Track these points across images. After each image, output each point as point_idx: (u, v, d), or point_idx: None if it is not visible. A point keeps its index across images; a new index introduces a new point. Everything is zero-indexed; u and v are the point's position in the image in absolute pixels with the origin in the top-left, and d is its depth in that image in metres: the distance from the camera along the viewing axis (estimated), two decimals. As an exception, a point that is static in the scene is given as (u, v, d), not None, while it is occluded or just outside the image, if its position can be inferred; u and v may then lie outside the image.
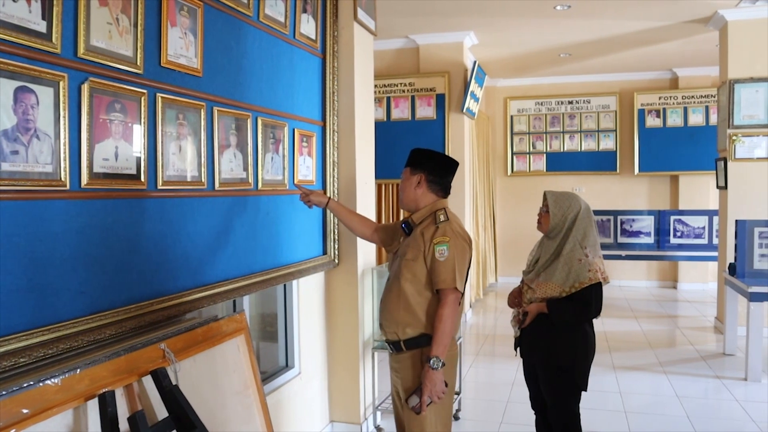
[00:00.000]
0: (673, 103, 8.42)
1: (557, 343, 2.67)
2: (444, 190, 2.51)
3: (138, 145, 2.06)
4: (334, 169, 3.44)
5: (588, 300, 2.61)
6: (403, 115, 6.53)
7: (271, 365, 3.31)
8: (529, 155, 9.01)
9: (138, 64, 2.05)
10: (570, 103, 8.82)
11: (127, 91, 2.01)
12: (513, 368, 4.79)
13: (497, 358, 5.42)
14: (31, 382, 1.47)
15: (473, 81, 6.39)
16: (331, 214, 3.42)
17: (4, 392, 1.40)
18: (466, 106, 6.39)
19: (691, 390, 4.51)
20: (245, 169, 2.68)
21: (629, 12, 5.82)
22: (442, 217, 2.39)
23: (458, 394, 4.02)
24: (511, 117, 9.05)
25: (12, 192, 1.62)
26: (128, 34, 2.02)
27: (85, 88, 1.84)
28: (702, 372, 4.93)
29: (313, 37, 3.30)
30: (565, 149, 8.86)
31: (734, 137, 5.87)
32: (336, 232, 3.45)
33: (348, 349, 3.57)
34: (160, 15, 2.16)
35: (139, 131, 2.06)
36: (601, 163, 8.72)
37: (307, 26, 3.24)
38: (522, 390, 2.98)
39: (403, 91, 6.54)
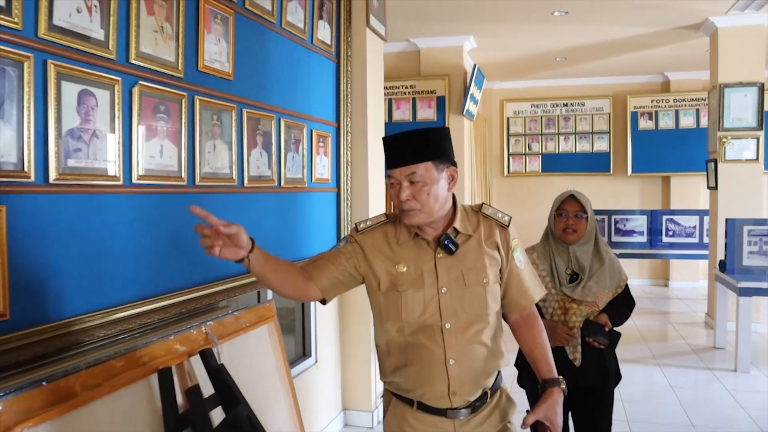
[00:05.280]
0: (665, 106, 8.65)
1: (613, 354, 2.52)
2: None
3: (179, 144, 2.22)
4: (347, 168, 3.61)
5: (632, 298, 2.53)
6: (405, 116, 6.70)
7: (287, 356, 3.46)
8: (525, 156, 9.21)
9: (179, 68, 2.21)
10: (565, 105, 9.03)
11: (171, 94, 2.17)
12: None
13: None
14: (104, 357, 1.62)
15: (473, 84, 6.57)
16: (345, 209, 3.58)
17: (80, 366, 1.56)
18: (465, 108, 6.57)
19: (683, 380, 4.71)
20: (270, 167, 2.84)
21: (624, 18, 6.02)
22: (499, 214, 1.82)
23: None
24: (508, 119, 9.25)
25: (76, 186, 1.78)
26: (171, 41, 2.18)
27: (135, 91, 2.00)
28: (693, 364, 5.13)
29: (329, 42, 3.46)
30: (560, 150, 9.07)
31: (724, 139, 6.09)
32: (349, 228, 3.62)
33: (360, 340, 3.74)
34: (198, 23, 2.32)
35: (180, 131, 2.22)
36: (595, 164, 8.94)
37: (323, 32, 3.40)
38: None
39: (405, 93, 6.71)
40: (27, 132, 1.62)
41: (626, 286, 2.52)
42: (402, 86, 6.71)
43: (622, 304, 2.50)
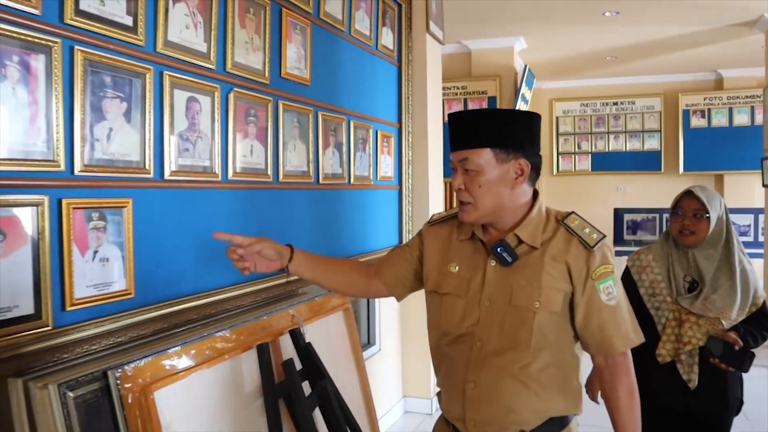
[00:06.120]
0: (718, 104, 8.56)
1: (739, 379, 2.22)
2: (538, 175, 1.55)
3: (266, 145, 2.44)
4: (408, 167, 3.80)
5: None
6: (456, 117, 6.85)
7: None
8: (574, 155, 9.24)
9: (266, 75, 2.44)
10: (615, 104, 9.03)
11: (259, 99, 2.39)
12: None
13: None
14: (213, 332, 1.85)
15: (524, 84, 6.68)
16: (407, 205, 3.77)
17: (194, 339, 1.79)
18: (516, 107, 6.68)
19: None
20: (341, 165, 3.05)
21: (676, 17, 6.03)
22: (587, 230, 1.49)
23: None
24: (557, 118, 9.29)
25: (185, 182, 2.02)
26: (259, 51, 2.41)
27: (231, 97, 2.23)
28: (749, 362, 5.13)
29: (391, 47, 3.66)
30: (610, 149, 9.06)
31: (780, 137, 6.04)
32: (411, 224, 3.81)
33: (420, 329, 3.90)
34: (281, 33, 2.54)
35: (266, 133, 2.44)
36: (646, 162, 8.90)
37: (387, 38, 3.60)
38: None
39: (456, 94, 6.86)
40: (148, 134, 1.86)
41: (764, 303, 2.15)
42: (453, 87, 6.86)
43: (757, 324, 2.13)
